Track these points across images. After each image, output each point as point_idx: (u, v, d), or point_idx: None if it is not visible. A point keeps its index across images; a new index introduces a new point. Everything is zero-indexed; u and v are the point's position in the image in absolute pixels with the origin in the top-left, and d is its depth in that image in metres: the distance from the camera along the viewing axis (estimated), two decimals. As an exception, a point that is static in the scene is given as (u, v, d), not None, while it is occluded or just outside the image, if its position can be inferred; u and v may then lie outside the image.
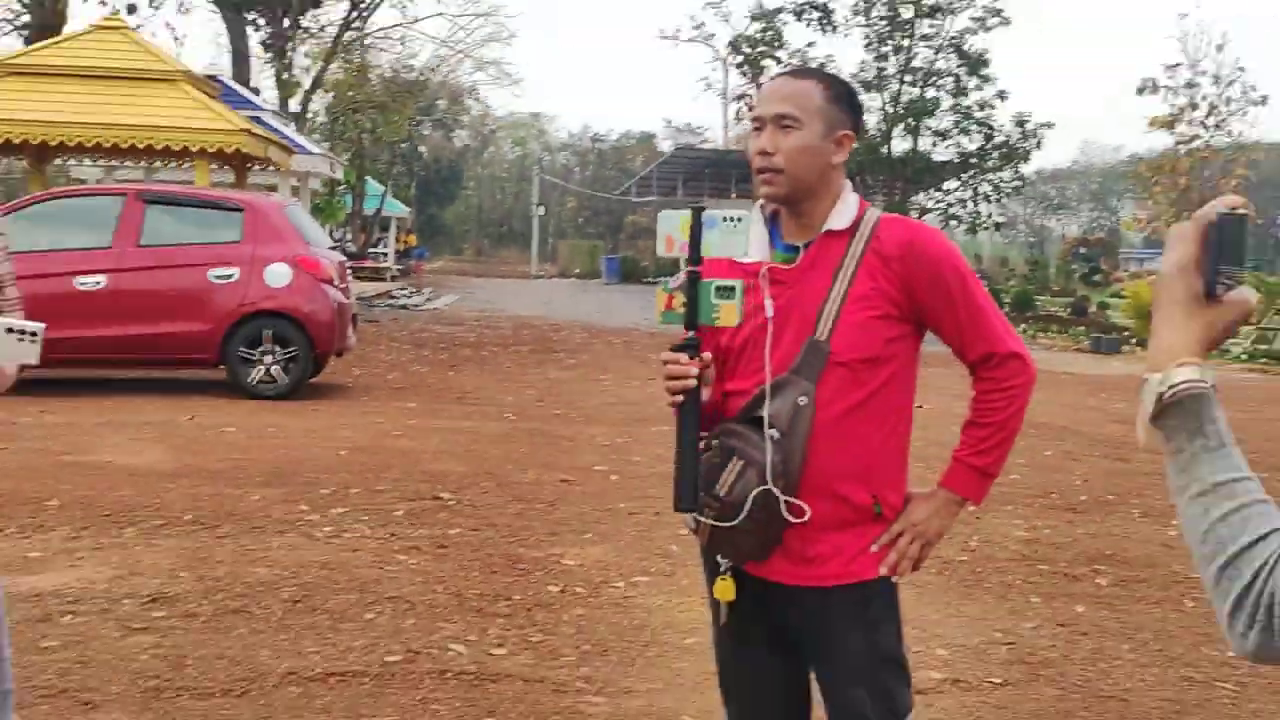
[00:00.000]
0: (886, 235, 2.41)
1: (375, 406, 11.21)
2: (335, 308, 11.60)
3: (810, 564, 2.40)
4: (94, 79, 15.03)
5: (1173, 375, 1.28)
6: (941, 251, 2.44)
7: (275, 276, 11.32)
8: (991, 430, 2.45)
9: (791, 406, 2.35)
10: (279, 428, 9.61)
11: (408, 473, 7.99)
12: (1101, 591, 5.90)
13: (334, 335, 11.64)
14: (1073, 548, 6.69)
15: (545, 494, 7.49)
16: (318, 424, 9.94)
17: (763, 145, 2.41)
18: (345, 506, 6.97)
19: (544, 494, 7.49)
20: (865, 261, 2.39)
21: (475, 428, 10.09)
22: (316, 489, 7.37)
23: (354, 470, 8.00)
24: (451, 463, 8.43)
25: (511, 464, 8.43)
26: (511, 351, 17.59)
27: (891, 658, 2.46)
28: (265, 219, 11.64)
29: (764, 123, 2.43)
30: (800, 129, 2.39)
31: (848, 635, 2.42)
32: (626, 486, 7.62)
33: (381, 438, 9.35)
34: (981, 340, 2.44)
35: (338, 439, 9.20)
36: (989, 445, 2.46)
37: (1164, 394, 1.28)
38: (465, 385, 13.22)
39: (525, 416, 10.83)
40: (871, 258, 2.39)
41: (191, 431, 9.34)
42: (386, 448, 8.92)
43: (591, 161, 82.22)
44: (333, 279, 11.72)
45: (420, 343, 18.21)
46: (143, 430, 9.20)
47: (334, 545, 6.14)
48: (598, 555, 6.17)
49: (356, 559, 5.89)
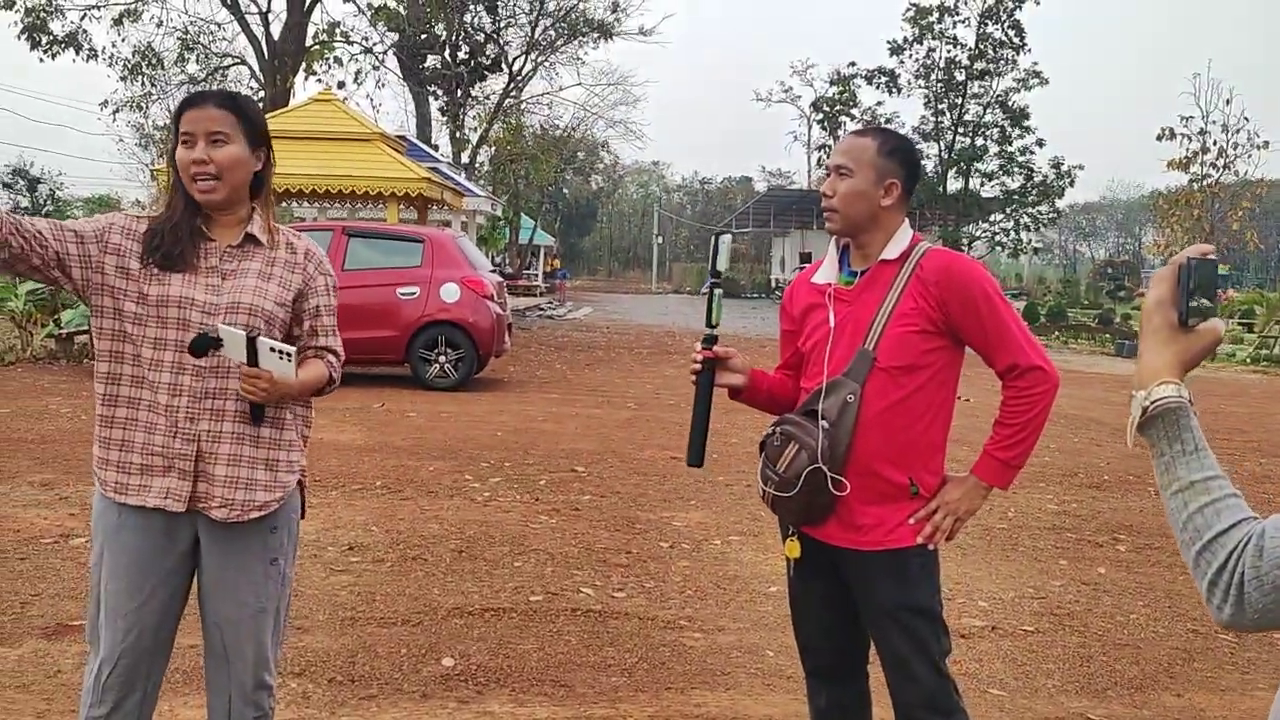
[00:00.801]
0: (928, 263, 2.39)
1: (525, 397, 11.31)
2: (495, 318, 11.72)
3: (857, 531, 2.40)
4: (311, 140, 15.46)
5: (1155, 391, 1.28)
6: (972, 276, 2.39)
7: (448, 293, 11.50)
8: (1016, 430, 2.40)
9: (841, 402, 2.37)
10: (450, 413, 9.75)
11: (550, 450, 8.05)
12: (1120, 556, 5.68)
13: (494, 340, 11.74)
14: (1096, 519, 6.45)
15: (659, 468, 7.49)
16: (480, 411, 10.06)
17: (824, 189, 2.47)
18: (500, 477, 7.04)
19: (658, 468, 7.49)
20: (910, 285, 2.38)
21: (604, 415, 10.13)
22: (478, 462, 7.47)
23: (507, 448, 8.08)
24: (584, 442, 8.47)
25: (632, 444, 8.45)
26: (634, 353, 17.63)
27: (926, 610, 2.41)
28: (441, 248, 11.83)
29: (830, 171, 2.46)
30: (852, 177, 2.41)
31: (885, 591, 2.40)
32: (724, 463, 7.58)
33: (529, 422, 9.43)
34: (1006, 353, 2.38)
35: (495, 423, 9.31)
36: (1013, 442, 2.40)
37: (1147, 407, 1.28)
38: (597, 380, 13.28)
39: (644, 406, 10.85)
40: (915, 282, 2.38)
41: (382, 415, 9.52)
42: (533, 430, 9.00)
43: (700, 200, 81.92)
44: (493, 295, 11.84)
45: (562, 346, 18.35)
46: (344, 414, 9.40)
47: (490, 507, 6.21)
48: (700, 518, 6.15)
49: (508, 518, 5.96)
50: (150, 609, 2.34)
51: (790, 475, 2.37)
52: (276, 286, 2.38)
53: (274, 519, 2.40)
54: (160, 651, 2.41)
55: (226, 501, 2.32)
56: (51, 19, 24.08)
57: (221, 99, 2.34)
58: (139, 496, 2.30)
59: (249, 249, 2.38)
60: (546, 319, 26.64)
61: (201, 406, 2.30)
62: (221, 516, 2.33)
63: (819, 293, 2.50)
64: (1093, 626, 4.52)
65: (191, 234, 2.32)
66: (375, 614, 4.33)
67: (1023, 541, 5.85)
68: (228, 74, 28.86)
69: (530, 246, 44.66)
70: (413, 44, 31.27)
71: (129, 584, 2.32)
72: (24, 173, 40.29)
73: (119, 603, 2.32)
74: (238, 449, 2.33)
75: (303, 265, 2.43)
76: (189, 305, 2.28)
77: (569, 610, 4.46)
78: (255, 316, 2.32)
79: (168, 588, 2.36)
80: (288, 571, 2.48)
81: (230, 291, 2.32)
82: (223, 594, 2.38)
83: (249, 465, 2.34)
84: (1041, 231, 42.88)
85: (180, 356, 2.29)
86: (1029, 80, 37.10)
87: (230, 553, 2.37)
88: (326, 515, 5.84)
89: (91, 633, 2.39)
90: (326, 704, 3.48)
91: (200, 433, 2.30)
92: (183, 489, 2.30)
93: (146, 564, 2.32)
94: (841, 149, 2.46)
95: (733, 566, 5.20)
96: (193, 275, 2.31)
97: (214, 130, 2.29)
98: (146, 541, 2.32)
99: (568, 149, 43.94)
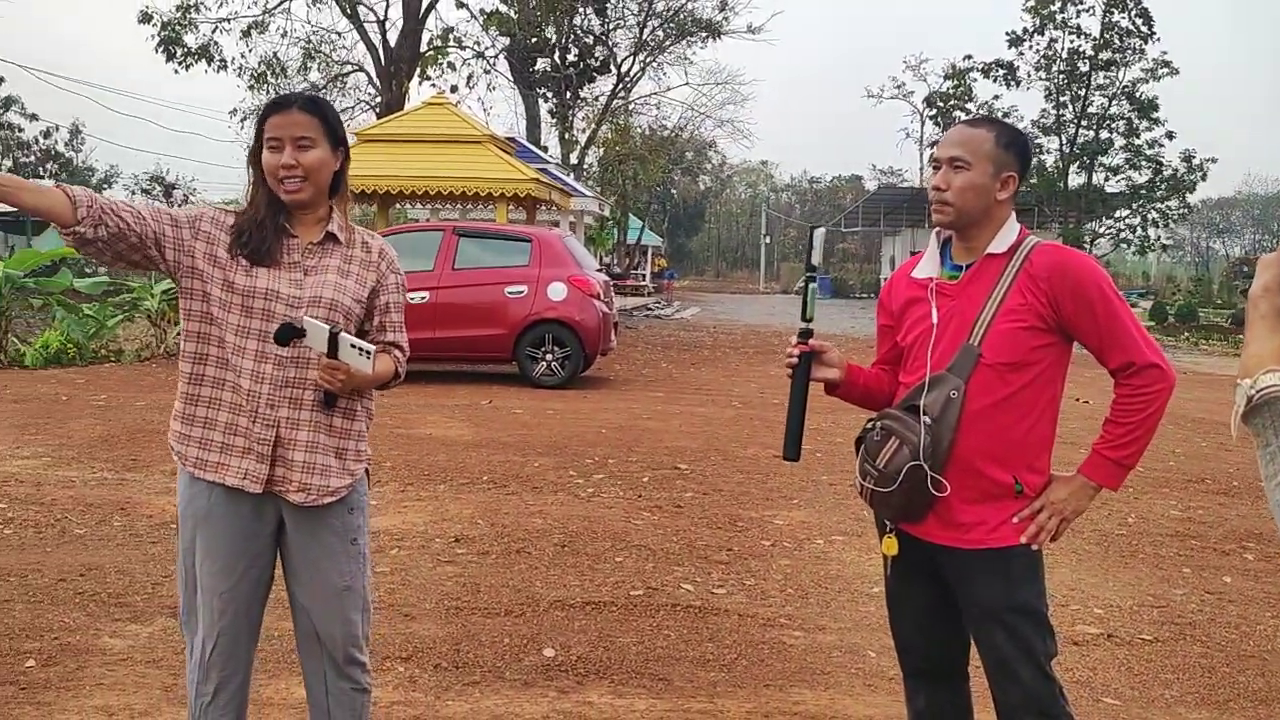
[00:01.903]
0: (1038, 258, 2.34)
1: (630, 395, 11.38)
2: (601, 317, 11.82)
3: (958, 529, 2.35)
4: (423, 143, 15.85)
5: (1261, 380, 1.22)
6: (1085, 271, 2.32)
7: (555, 292, 11.65)
8: (1129, 429, 2.31)
9: (944, 398, 2.33)
10: (556, 410, 9.88)
11: (653, 448, 8.09)
12: (1248, 565, 5.42)
13: (600, 339, 11.84)
14: (1223, 526, 6.17)
15: (762, 467, 7.46)
16: (585, 408, 10.16)
17: (937, 182, 2.40)
18: (603, 473, 7.11)
19: (761, 467, 7.46)
20: (1018, 281, 2.33)
21: (708, 413, 10.12)
22: (582, 459, 7.55)
23: (612, 445, 8.15)
24: (688, 440, 8.48)
25: (736, 442, 8.43)
26: (740, 352, 17.56)
27: (1031, 610, 2.35)
28: (548, 247, 11.99)
29: (940, 163, 2.40)
30: (969, 170, 2.36)
31: (988, 591, 2.35)
32: (828, 462, 7.50)
33: (634, 419, 9.49)
34: (1121, 350, 2.31)
35: (600, 420, 9.39)
36: (1125, 441, 2.32)
37: (1252, 395, 1.22)
38: (702, 379, 13.27)
39: (749, 405, 10.80)
40: (1024, 278, 2.33)
41: (489, 412, 9.70)
42: (638, 427, 9.05)
43: (809, 199, 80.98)
44: (599, 294, 11.94)
45: (668, 345, 18.40)
46: (453, 411, 9.63)
47: (594, 503, 6.28)
48: (802, 517, 6.11)
49: (610, 514, 6.01)
50: (243, 588, 2.47)
51: (890, 471, 2.34)
52: (354, 283, 2.50)
53: (350, 501, 2.53)
54: (252, 632, 2.54)
55: (304, 486, 2.44)
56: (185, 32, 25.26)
57: (305, 103, 2.44)
58: (216, 473, 2.43)
59: (329, 246, 2.49)
60: (654, 319, 26.75)
61: (282, 394, 2.41)
62: (299, 500, 2.45)
63: (920, 287, 2.46)
64: (1216, 637, 4.33)
65: (276, 231, 2.44)
66: (480, 604, 4.43)
67: (1143, 548, 5.63)
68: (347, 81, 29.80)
69: (638, 246, 44.91)
70: (523, 47, 31.78)
71: (223, 564, 2.45)
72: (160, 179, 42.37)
73: (214, 582, 2.45)
74: (314, 436, 2.44)
75: (377, 264, 2.55)
76: (274, 298, 2.40)
77: (669, 605, 4.48)
78: (335, 311, 2.43)
79: (258, 568, 2.50)
80: (367, 552, 2.61)
81: (312, 286, 2.43)
82: (309, 575, 2.50)
83: (324, 452, 2.46)
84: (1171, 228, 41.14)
85: (263, 345, 2.41)
86: (1158, 70, 35.66)
87: (314, 535, 2.49)
88: (434, 508, 6.00)
89: (186, 617, 2.52)
90: (432, 688, 3.59)
91: (280, 419, 2.42)
92: (260, 471, 2.42)
93: (239, 545, 2.45)
94: (956, 140, 2.40)
95: (835, 566, 5.15)
96: (277, 270, 2.43)
97: (300, 135, 2.40)
98: (237, 523, 2.45)
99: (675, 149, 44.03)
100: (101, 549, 5.05)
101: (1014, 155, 2.39)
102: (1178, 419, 10.56)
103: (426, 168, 15.43)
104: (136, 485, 6.32)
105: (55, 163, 46.26)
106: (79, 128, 47.21)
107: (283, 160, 2.39)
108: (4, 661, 3.67)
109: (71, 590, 4.42)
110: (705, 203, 76.21)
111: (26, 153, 45.37)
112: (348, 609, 2.53)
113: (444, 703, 3.48)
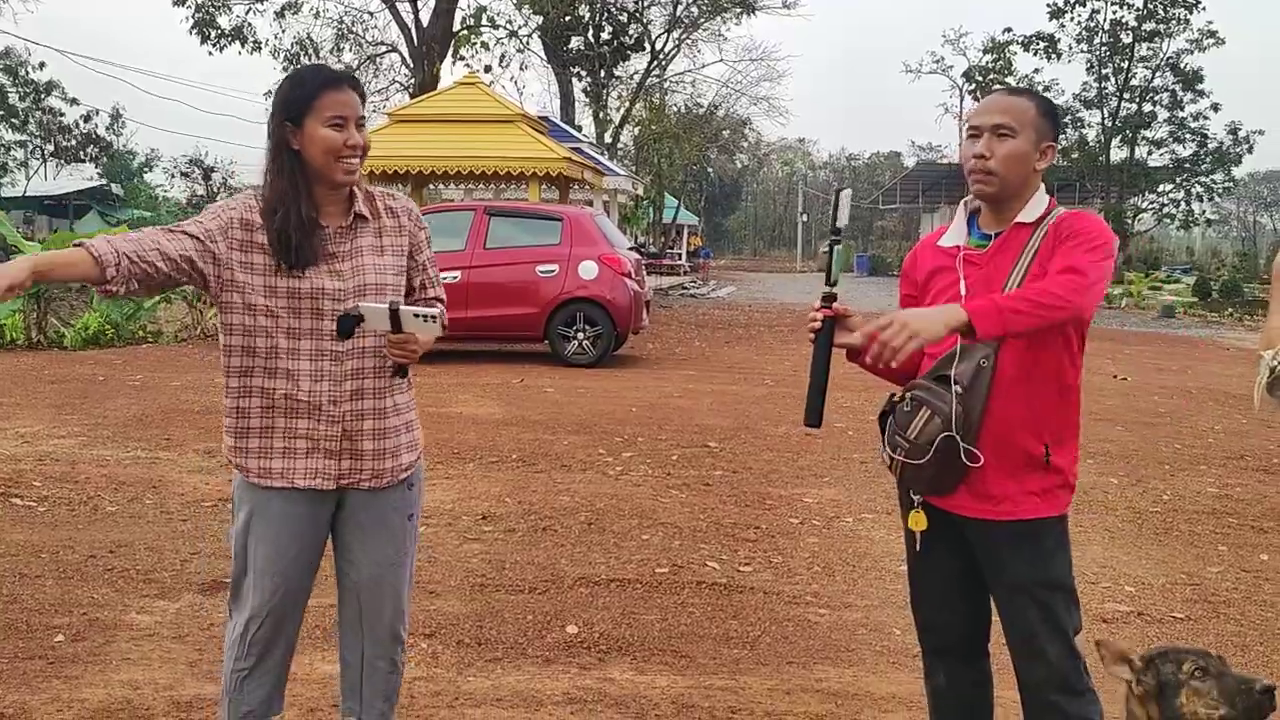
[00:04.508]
0: (1060, 224, 2.31)
1: (662, 373, 11.35)
2: (632, 295, 11.80)
3: (988, 500, 2.32)
4: (456, 123, 15.91)
5: None
6: (1090, 222, 2.30)
7: (586, 271, 11.63)
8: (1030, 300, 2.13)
9: (975, 367, 2.29)
10: (586, 389, 9.88)
11: (683, 426, 8.07)
12: (1288, 544, 5.30)
13: (631, 317, 11.82)
14: (1261, 504, 6.04)
15: (793, 445, 7.41)
16: (616, 386, 10.15)
17: (980, 150, 2.33)
18: (632, 451, 7.10)
19: (792, 445, 7.41)
20: (1042, 248, 2.29)
21: (740, 391, 10.08)
22: (612, 437, 7.55)
23: (641, 423, 8.14)
24: (718, 418, 8.45)
25: (767, 420, 8.38)
26: (775, 330, 17.47)
27: (1061, 584, 2.33)
28: (579, 226, 11.97)
29: (981, 131, 2.34)
30: (1015, 138, 2.32)
31: (1019, 564, 2.32)
32: (859, 439, 7.44)
33: (665, 398, 9.47)
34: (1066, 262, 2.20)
35: (630, 398, 9.38)
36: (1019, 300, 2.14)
37: (1275, 367, 1.18)
38: (735, 357, 13.22)
39: (781, 383, 10.73)
40: (1046, 244, 2.30)
41: (520, 391, 9.71)
42: (668, 406, 9.03)
43: (847, 176, 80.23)
44: (630, 273, 11.90)
45: (702, 324, 18.35)
46: (484, 389, 9.65)
47: (622, 481, 6.27)
48: (832, 495, 6.06)
49: (638, 492, 6.01)
50: (295, 571, 2.47)
51: (922, 442, 2.29)
52: (391, 257, 2.47)
53: (411, 477, 2.54)
54: (299, 611, 2.55)
55: (378, 473, 2.45)
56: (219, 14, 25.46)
57: (355, 82, 2.41)
58: (284, 479, 2.41)
59: (357, 226, 2.45)
60: (689, 298, 26.69)
61: (343, 389, 2.40)
62: (372, 485, 2.46)
63: (947, 256, 2.42)
64: (1250, 615, 4.25)
65: (309, 227, 2.36)
66: (504, 581, 4.44)
67: (1178, 526, 5.53)
68: (380, 61, 29.92)
69: (674, 225, 44.75)
70: (556, 26, 31.69)
71: (277, 548, 2.44)
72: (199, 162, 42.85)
73: (268, 565, 2.44)
74: (380, 423, 2.44)
75: (407, 227, 2.52)
76: (320, 295, 2.36)
77: (694, 583, 4.47)
78: (380, 293, 2.40)
79: (311, 550, 2.50)
80: (418, 526, 2.63)
81: (354, 274, 2.40)
82: (366, 552, 2.50)
83: (394, 435, 2.47)
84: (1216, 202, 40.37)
85: (318, 343, 2.38)
86: (1203, 41, 34.95)
87: (376, 512, 2.49)
88: (462, 486, 6.02)
89: (235, 594, 2.52)
90: (454, 664, 3.60)
91: (344, 414, 2.40)
92: (330, 468, 2.42)
93: (294, 530, 2.44)
94: (1000, 107, 2.34)
95: (863, 544, 5.11)
96: (316, 265, 2.37)
97: (360, 114, 2.38)
98: (294, 509, 2.44)
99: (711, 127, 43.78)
100: (132, 526, 5.12)
101: (1051, 125, 2.37)
102: (1217, 395, 10.36)
103: (459, 148, 15.48)
104: (169, 464, 6.41)
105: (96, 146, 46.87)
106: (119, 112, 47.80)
107: (351, 139, 2.35)
108: (34, 636, 3.73)
109: (101, 566, 4.49)
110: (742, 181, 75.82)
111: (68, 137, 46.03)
112: (400, 584, 2.55)
113: (465, 679, 3.50)
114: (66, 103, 45.93)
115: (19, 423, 7.54)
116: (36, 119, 45.38)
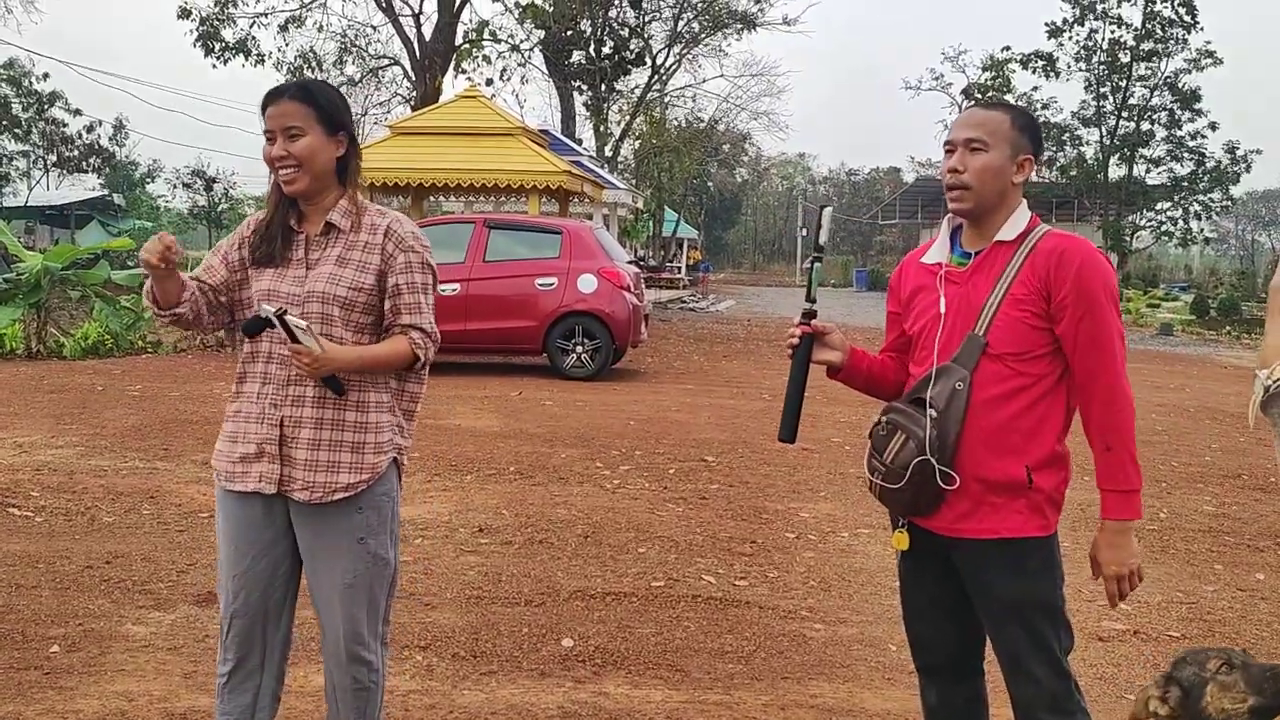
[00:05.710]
0: (1043, 244, 2.27)
1: (660, 387, 11.35)
2: (631, 309, 11.80)
3: (968, 520, 2.29)
4: (457, 136, 15.92)
5: (1278, 370, 1.18)
6: (1091, 264, 2.23)
7: (585, 284, 11.64)
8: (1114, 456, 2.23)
9: (950, 390, 2.27)
10: (584, 402, 9.88)
11: (680, 440, 8.06)
12: (1284, 562, 5.30)
13: (630, 331, 11.82)
14: (1258, 523, 6.04)
15: (789, 460, 7.40)
16: (614, 400, 10.14)
17: (953, 165, 2.33)
18: (630, 465, 7.10)
19: (788, 460, 7.40)
20: (1024, 268, 2.26)
21: (738, 405, 10.07)
22: (609, 450, 7.54)
23: (639, 436, 8.14)
24: (716, 432, 8.45)
25: (764, 435, 8.36)
26: (773, 345, 17.45)
27: (1047, 605, 2.30)
28: (578, 239, 11.98)
29: (955, 145, 2.34)
30: (988, 151, 2.30)
31: (1002, 583, 2.29)
32: (856, 455, 7.42)
33: (662, 412, 9.46)
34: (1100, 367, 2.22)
35: (628, 412, 9.38)
36: (1115, 468, 2.23)
37: (1270, 386, 1.18)
38: (733, 371, 13.22)
39: (779, 398, 10.49)
40: (1028, 264, 2.26)
41: (518, 403, 9.71)
42: (666, 419, 9.03)
43: (846, 191, 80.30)
44: (629, 286, 11.90)
45: (701, 338, 18.35)
46: (482, 402, 9.65)
47: (619, 494, 6.27)
48: (828, 510, 6.06)
49: (635, 506, 6.00)
50: (254, 575, 2.49)
51: (897, 466, 2.28)
52: (353, 271, 2.44)
53: (360, 500, 2.47)
54: (272, 618, 2.55)
55: (307, 484, 2.43)
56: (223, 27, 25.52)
57: (294, 92, 2.43)
58: (241, 482, 2.47)
59: (331, 236, 2.47)
60: (688, 311, 26.68)
61: (284, 393, 2.43)
62: (304, 498, 2.44)
63: (929, 274, 2.40)
64: (1246, 634, 4.24)
65: (283, 230, 2.47)
66: (500, 594, 4.43)
67: (1174, 544, 5.53)
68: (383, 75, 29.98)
69: (673, 239, 44.80)
70: (558, 40, 31.77)
71: (234, 551, 2.51)
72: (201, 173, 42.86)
73: (228, 565, 2.53)
74: (317, 434, 2.43)
75: (380, 245, 2.46)
76: (271, 297, 2.41)
77: (690, 597, 4.46)
78: (329, 304, 2.41)
79: (269, 557, 2.51)
80: (380, 551, 2.51)
81: (309, 281, 2.44)
82: (313, 570, 2.52)
83: (330, 449, 2.43)
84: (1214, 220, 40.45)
85: (271, 347, 2.43)
86: (1201, 60, 35.08)
87: (317, 532, 2.48)
88: (459, 498, 6.01)
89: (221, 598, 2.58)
90: (449, 677, 3.59)
91: (283, 418, 2.42)
92: (273, 472, 2.44)
93: (246, 534, 2.49)
94: (971, 122, 2.34)
95: (859, 559, 5.10)
96: (282, 269, 2.45)
97: (289, 125, 2.40)
98: (246, 513, 2.49)
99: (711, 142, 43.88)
100: (129, 537, 5.11)
101: (1029, 139, 2.34)
102: (1214, 413, 10.37)
103: (460, 160, 15.49)
104: (167, 474, 6.40)
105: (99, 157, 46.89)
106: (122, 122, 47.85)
107: (275, 151, 2.40)
108: (29, 646, 3.72)
109: (98, 577, 4.48)
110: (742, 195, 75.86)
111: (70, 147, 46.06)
112: (351, 606, 2.49)
113: (460, 692, 3.49)
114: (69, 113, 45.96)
115: (17, 432, 7.53)
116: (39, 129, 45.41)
